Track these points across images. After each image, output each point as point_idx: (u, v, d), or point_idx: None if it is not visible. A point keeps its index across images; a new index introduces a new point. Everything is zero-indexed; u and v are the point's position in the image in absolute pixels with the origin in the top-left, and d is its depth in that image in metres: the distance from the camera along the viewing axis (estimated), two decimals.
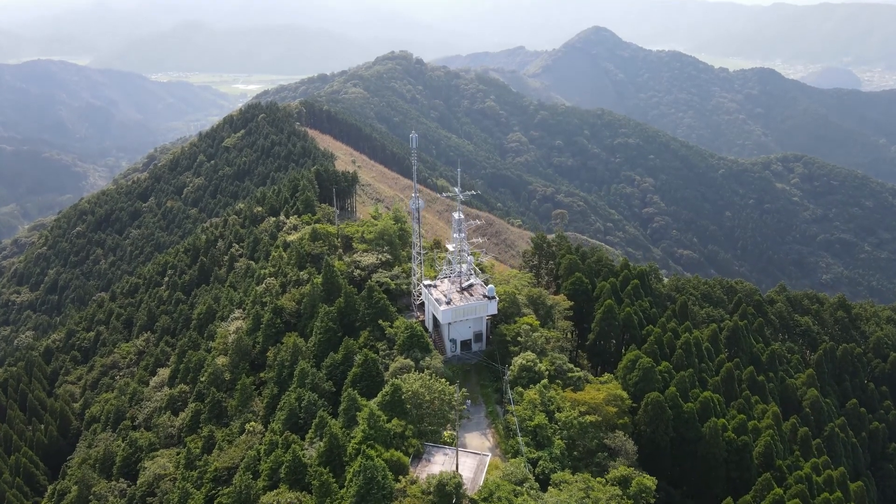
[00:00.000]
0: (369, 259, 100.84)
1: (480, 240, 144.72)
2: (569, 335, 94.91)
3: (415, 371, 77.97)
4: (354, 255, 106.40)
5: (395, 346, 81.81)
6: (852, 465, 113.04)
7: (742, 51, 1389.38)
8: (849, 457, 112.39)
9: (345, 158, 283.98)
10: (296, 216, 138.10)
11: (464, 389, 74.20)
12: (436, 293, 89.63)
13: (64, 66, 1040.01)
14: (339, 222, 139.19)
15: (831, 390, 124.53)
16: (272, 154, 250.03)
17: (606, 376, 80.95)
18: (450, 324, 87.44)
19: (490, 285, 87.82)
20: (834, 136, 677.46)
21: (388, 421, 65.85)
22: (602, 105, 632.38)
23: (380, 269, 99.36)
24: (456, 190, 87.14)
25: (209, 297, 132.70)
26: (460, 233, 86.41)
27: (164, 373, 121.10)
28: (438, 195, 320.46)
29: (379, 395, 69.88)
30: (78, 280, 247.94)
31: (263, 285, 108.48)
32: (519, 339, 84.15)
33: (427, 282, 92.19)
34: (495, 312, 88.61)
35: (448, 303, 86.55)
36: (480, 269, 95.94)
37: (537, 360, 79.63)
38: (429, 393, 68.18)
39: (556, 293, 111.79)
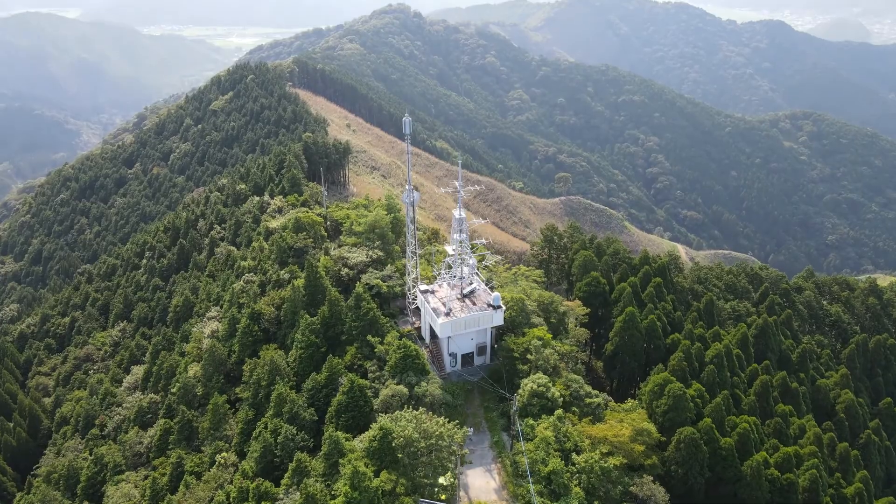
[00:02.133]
0: (358, 256, 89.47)
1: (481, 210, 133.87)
2: (584, 343, 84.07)
3: (408, 402, 67.41)
4: (342, 250, 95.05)
5: (387, 368, 71.03)
6: (885, 471, 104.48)
7: (750, 1, 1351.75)
8: (883, 463, 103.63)
9: (339, 122, 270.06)
10: (281, 196, 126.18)
11: (465, 429, 63.66)
12: (433, 301, 78.53)
13: (53, 20, 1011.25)
14: (328, 203, 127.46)
15: (863, 386, 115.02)
16: (261, 119, 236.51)
17: (630, 403, 70.35)
18: (449, 337, 76.72)
19: (495, 293, 76.67)
20: (843, 92, 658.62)
21: (376, 474, 55.47)
22: (606, 60, 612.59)
23: (370, 269, 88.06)
24: (457, 184, 75.34)
25: (187, 286, 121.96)
26: (461, 233, 74.94)
27: (137, 371, 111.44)
28: (438, 160, 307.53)
29: (366, 438, 59.35)
30: (62, 251, 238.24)
31: (242, 282, 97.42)
32: (528, 356, 73.38)
33: (424, 286, 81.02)
34: (501, 323, 77.79)
35: (447, 313, 75.51)
36: (482, 260, 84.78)
37: (549, 384, 68.97)
38: (425, 439, 57.58)
39: (568, 290, 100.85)
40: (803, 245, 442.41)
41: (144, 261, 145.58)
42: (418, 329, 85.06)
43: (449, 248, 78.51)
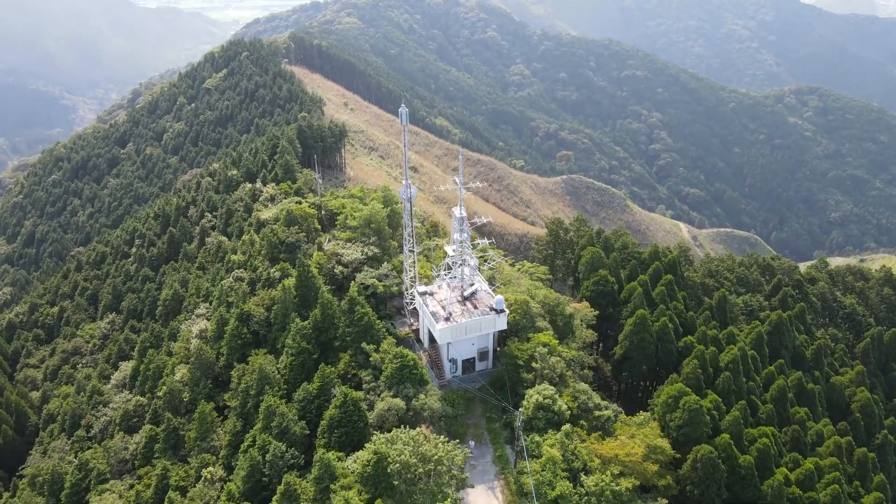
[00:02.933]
0: (353, 253, 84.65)
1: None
2: (591, 344, 79.55)
3: (405, 416, 63.15)
4: (335, 245, 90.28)
5: (382, 378, 66.55)
6: None
7: None
8: None
9: (336, 101, 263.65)
10: (274, 184, 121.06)
11: (466, 449, 59.31)
12: (432, 303, 73.89)
13: None
14: (322, 190, 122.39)
15: (878, 382, 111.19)
16: (256, 98, 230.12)
17: (641, 416, 65.97)
18: (449, 343, 72.23)
19: (498, 296, 71.98)
20: (849, 66, 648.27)
21: (370, 502, 51.26)
22: (608, 34, 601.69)
23: (365, 266, 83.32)
24: (457, 180, 70.33)
25: (177, 278, 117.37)
26: (461, 233, 70.06)
27: (126, 367, 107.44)
28: (437, 138, 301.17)
29: (360, 461, 55.04)
30: (55, 233, 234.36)
31: (231, 278, 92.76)
32: (533, 364, 68.89)
33: (422, 288, 76.31)
34: (504, 328, 73.25)
35: (447, 318, 70.91)
36: (484, 256, 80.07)
37: (556, 396, 64.58)
38: (423, 464, 53.30)
39: (574, 287, 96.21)
40: (806, 223, 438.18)
41: (134, 249, 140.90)
42: (416, 331, 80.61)
43: (449, 249, 73.71)
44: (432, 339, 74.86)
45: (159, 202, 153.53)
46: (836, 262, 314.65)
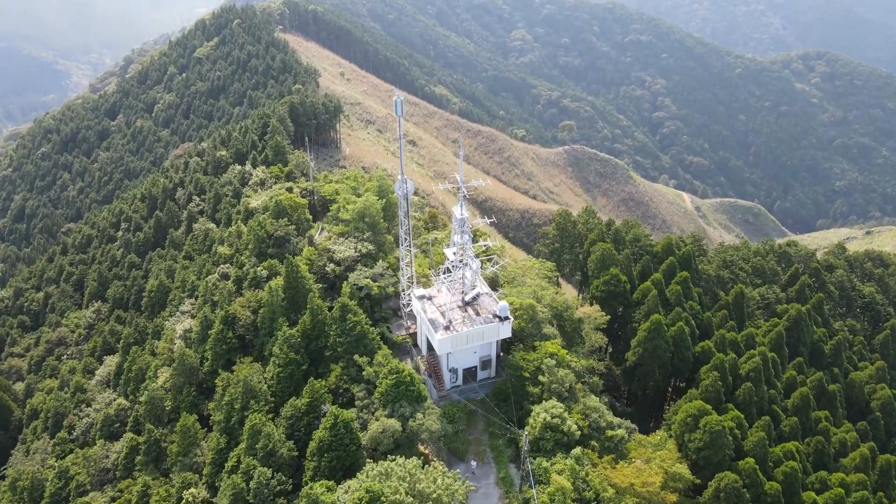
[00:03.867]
0: (346, 251, 78.80)
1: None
2: (601, 349, 74.19)
3: (401, 437, 58.05)
4: (328, 240, 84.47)
5: (376, 394, 61.26)
6: None
7: None
8: None
9: (332, 70, 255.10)
10: (264, 167, 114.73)
11: (468, 483, 54.27)
12: (431, 309, 68.34)
13: None
14: (315, 173, 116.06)
15: None
16: (249, 68, 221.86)
17: (658, 435, 60.88)
18: (449, 353, 66.89)
19: (502, 302, 66.34)
20: (857, 30, 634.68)
21: None
22: None
23: (359, 265, 77.56)
24: (457, 177, 64.24)
25: (163, 267, 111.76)
26: (462, 234, 64.18)
27: (110, 363, 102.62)
28: (436, 109, 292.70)
29: (350, 497, 49.97)
30: (46, 208, 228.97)
31: (217, 274, 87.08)
32: (540, 377, 63.61)
33: (420, 291, 70.68)
34: (509, 336, 67.83)
35: (447, 327, 65.42)
36: (487, 253, 74.39)
37: (565, 415, 59.41)
38: (420, 502, 48.23)
39: (582, 283, 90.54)
40: (810, 192, 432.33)
41: (120, 233, 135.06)
42: (413, 335, 75.25)
43: (449, 252, 67.87)
44: (431, 346, 69.55)
45: (146, 183, 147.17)
46: (841, 233, 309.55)
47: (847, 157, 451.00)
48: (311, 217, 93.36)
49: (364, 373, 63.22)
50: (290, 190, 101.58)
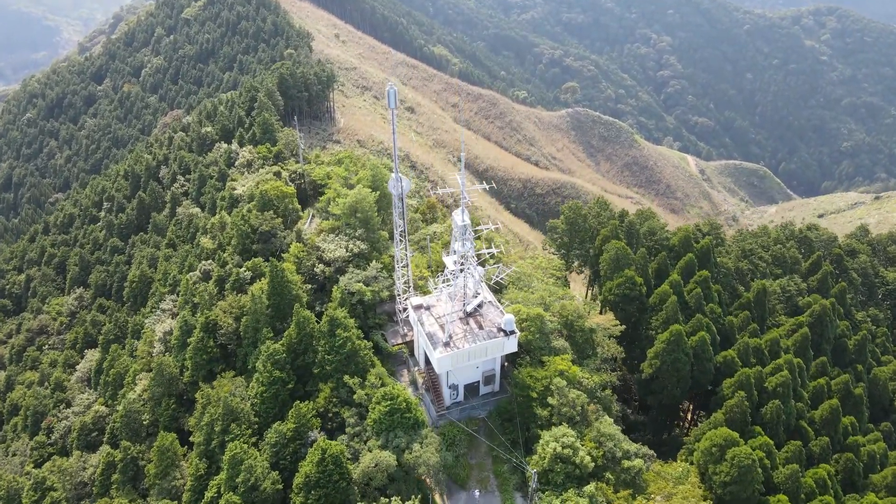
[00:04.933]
0: (336, 250, 72.24)
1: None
2: (615, 360, 68.24)
3: (396, 472, 52.50)
4: (317, 236, 77.96)
5: (369, 421, 55.44)
6: None
7: None
8: None
9: (326, 32, 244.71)
10: (251, 146, 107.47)
11: None
12: (429, 321, 62.20)
13: None
14: (306, 152, 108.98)
15: None
16: (239, 31, 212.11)
17: (679, 466, 55.29)
18: (449, 371, 61.01)
19: (508, 315, 60.13)
20: None
21: None
22: None
23: (351, 267, 71.10)
24: (458, 178, 57.44)
25: (146, 254, 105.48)
26: (465, 242, 57.66)
27: (91, 357, 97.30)
28: (436, 71, 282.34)
29: None
30: (33, 177, 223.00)
31: (198, 272, 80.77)
32: (550, 399, 57.76)
33: (417, 300, 64.43)
34: (515, 350, 61.83)
35: (447, 343, 59.36)
36: (491, 246, 67.91)
37: (577, 444, 53.75)
38: None
39: (592, 280, 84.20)
40: (816, 153, 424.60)
41: (103, 213, 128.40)
42: (410, 343, 69.27)
43: (448, 261, 61.37)
44: (429, 359, 63.60)
45: (129, 159, 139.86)
46: (848, 197, 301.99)
47: (855, 116, 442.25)
48: (299, 207, 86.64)
49: (355, 395, 57.34)
50: (278, 175, 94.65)
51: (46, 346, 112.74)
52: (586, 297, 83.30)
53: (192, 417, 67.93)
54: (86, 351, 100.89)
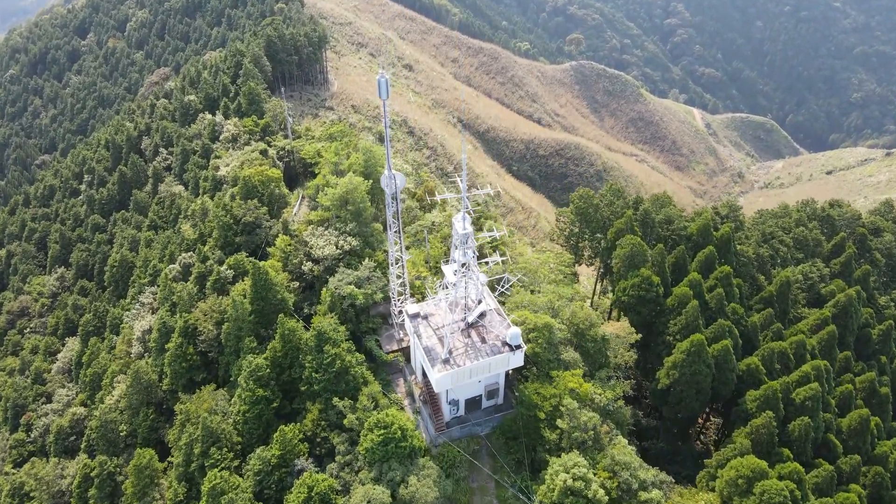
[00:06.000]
0: (326, 247, 66.17)
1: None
2: (628, 367, 62.87)
3: None
4: (307, 226, 71.85)
5: (360, 449, 50.32)
6: None
7: None
8: None
9: None
10: (237, 119, 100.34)
11: None
12: (426, 333, 56.61)
13: None
14: (295, 125, 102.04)
15: None
16: None
17: (702, 499, 50.36)
18: (449, 389, 55.73)
19: (514, 329, 54.45)
20: None
21: None
22: None
23: (341, 266, 65.15)
24: (458, 179, 51.14)
25: (128, 236, 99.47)
26: (465, 251, 51.70)
27: (71, 346, 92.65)
28: (435, 24, 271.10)
29: None
30: (18, 137, 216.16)
31: (178, 265, 74.99)
32: (559, 421, 52.57)
33: (413, 308, 58.74)
34: (521, 364, 56.41)
35: (446, 360, 53.89)
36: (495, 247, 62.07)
37: (590, 475, 48.76)
38: None
39: (603, 274, 78.26)
40: (825, 104, 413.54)
41: (84, 186, 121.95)
42: (407, 349, 63.87)
43: (448, 270, 55.41)
44: (426, 373, 58.24)
45: (111, 127, 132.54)
46: (857, 153, 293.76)
47: (866, 66, 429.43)
48: (287, 192, 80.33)
49: (346, 420, 52.12)
50: (264, 153, 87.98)
51: (28, 330, 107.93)
52: (596, 290, 77.65)
53: (171, 430, 63.05)
54: (66, 339, 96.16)
